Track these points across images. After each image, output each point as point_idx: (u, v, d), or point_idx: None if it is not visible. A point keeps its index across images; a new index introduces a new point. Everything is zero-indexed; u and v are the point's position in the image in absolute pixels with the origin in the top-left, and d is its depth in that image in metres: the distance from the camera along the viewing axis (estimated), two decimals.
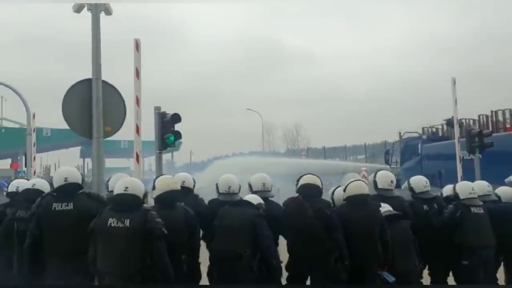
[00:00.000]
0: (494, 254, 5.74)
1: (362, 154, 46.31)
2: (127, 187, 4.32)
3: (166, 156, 47.43)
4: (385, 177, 6.01)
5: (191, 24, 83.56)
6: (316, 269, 5.11)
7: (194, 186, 5.79)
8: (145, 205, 4.46)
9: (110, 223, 4.17)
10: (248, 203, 5.12)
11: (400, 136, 24.30)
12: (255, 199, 5.23)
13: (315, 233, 5.06)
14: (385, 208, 5.39)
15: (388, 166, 22.95)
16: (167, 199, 4.76)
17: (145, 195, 4.47)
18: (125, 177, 4.84)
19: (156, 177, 5.25)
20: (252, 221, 4.87)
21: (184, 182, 5.50)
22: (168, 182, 4.91)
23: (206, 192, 6.27)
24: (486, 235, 5.71)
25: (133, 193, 4.32)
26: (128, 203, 4.28)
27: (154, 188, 4.97)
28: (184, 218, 4.74)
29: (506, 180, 6.80)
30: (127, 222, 4.15)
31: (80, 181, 4.93)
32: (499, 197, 6.25)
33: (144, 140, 9.39)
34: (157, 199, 4.85)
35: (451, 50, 70.16)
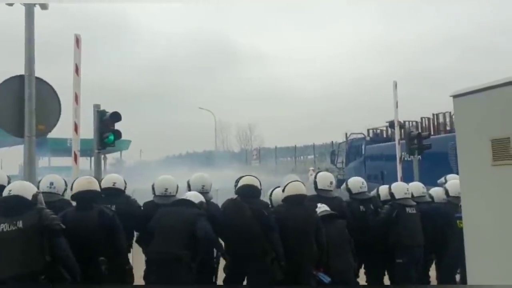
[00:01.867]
0: (423, 253, 5.95)
1: (312, 154, 46.91)
2: (10, 190, 4.28)
3: (115, 155, 46.30)
4: (325, 178, 6.10)
5: (140, 21, 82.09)
6: (253, 269, 5.09)
7: (125, 187, 5.65)
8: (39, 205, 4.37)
9: (2, 229, 4.09)
10: (189, 202, 5.03)
11: (346, 137, 24.73)
12: (196, 196, 5.16)
13: (253, 233, 5.05)
14: (321, 208, 5.47)
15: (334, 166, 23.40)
16: (80, 199, 4.78)
17: (36, 195, 4.35)
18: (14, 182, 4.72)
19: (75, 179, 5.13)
20: (192, 222, 4.79)
21: (115, 183, 5.38)
22: (82, 182, 4.92)
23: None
24: (418, 234, 5.92)
25: (18, 194, 4.25)
26: (15, 205, 4.20)
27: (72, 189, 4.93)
28: (98, 218, 4.66)
29: (438, 181, 7.04)
30: (20, 224, 4.10)
31: (5, 183, 4.73)
32: (432, 197, 6.48)
33: None
34: (72, 199, 4.88)
35: (399, 52, 72.33)
